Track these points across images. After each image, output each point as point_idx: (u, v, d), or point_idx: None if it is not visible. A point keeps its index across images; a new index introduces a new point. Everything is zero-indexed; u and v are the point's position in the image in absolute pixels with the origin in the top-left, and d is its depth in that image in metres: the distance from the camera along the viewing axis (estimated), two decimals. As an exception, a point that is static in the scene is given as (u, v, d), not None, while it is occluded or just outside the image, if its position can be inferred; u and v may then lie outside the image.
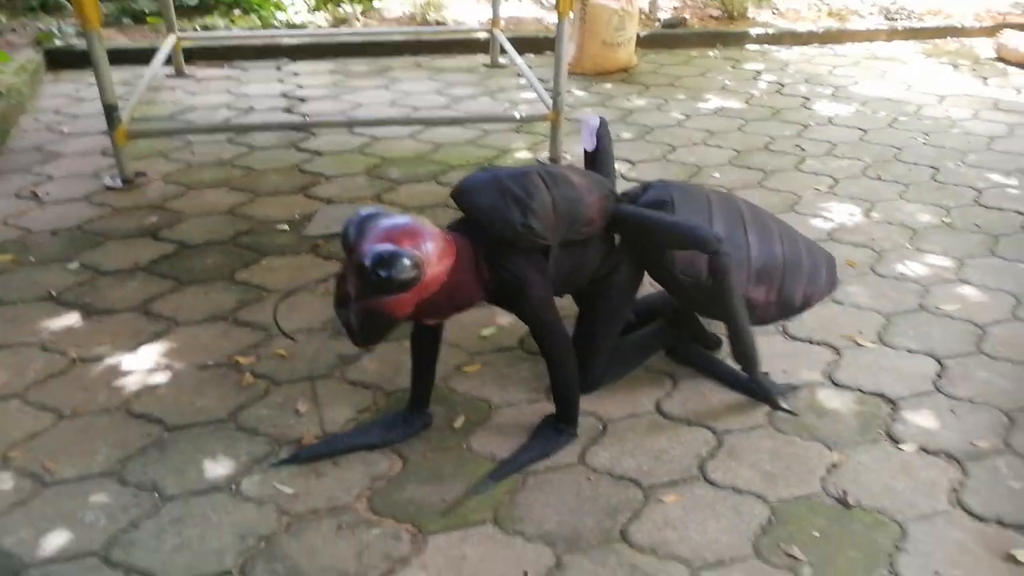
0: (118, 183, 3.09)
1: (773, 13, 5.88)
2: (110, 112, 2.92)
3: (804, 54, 5.30)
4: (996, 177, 3.47)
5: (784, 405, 2.08)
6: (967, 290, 2.63)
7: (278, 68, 4.56)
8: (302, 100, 4.04)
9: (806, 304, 2.14)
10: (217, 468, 1.82)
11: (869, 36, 5.58)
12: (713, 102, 4.30)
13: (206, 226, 2.85)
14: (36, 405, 2.00)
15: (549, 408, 2.01)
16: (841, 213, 3.11)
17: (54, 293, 2.44)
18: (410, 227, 1.68)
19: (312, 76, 4.44)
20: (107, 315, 2.35)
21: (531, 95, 4.20)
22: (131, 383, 2.08)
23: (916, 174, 3.49)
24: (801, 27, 5.55)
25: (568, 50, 4.71)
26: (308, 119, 3.72)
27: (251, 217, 2.92)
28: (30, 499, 1.73)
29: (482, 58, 4.83)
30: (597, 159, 2.16)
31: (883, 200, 3.24)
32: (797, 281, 2.09)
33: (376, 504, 1.75)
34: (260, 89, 4.20)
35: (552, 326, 1.85)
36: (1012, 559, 1.67)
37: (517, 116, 3.39)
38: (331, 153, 3.47)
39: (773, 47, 5.40)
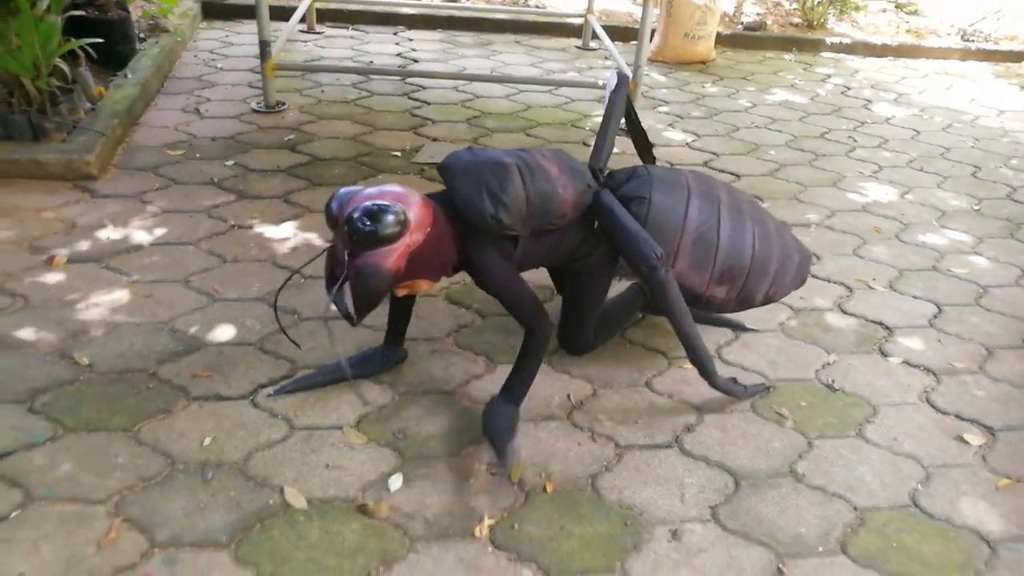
0: (263, 108, 3.71)
1: (852, 25, 6.22)
2: (264, 47, 3.53)
3: (876, 64, 5.64)
4: (1033, 179, 3.80)
5: (748, 395, 2.14)
6: (979, 260, 3.00)
7: (395, 33, 5.17)
8: (415, 61, 4.62)
9: (767, 301, 2.21)
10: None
11: (943, 54, 5.87)
12: (780, 96, 4.70)
13: (333, 147, 3.43)
14: (205, 251, 2.59)
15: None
16: (878, 192, 3.50)
17: (215, 180, 3.05)
18: (390, 189, 1.77)
19: (424, 43, 5.03)
20: (256, 199, 2.95)
21: (615, 75, 4.69)
22: (276, 245, 2.66)
23: (957, 170, 3.84)
24: (876, 40, 5.88)
25: (652, 40, 5.19)
26: (419, 63, 4.29)
27: (370, 144, 3.49)
28: (205, 307, 2.31)
29: (575, 41, 5.34)
30: (604, 120, 2.16)
31: (921, 187, 3.61)
32: (761, 282, 2.15)
33: (460, 341, 2.27)
34: (379, 48, 4.81)
35: (516, 294, 1.88)
36: (961, 439, 2.09)
37: (600, 83, 3.88)
38: (437, 104, 4.03)
39: (847, 56, 5.75)
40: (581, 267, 2.09)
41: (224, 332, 2.21)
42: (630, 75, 2.20)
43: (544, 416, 2.02)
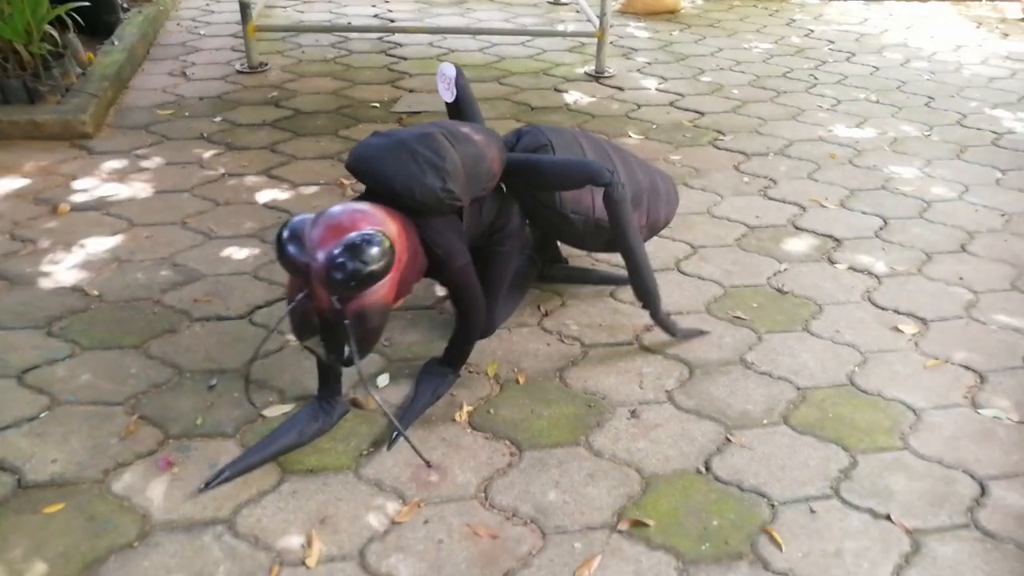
0: (246, 68, 3.87)
1: (820, -27, 6.36)
2: (244, 9, 3.69)
3: (841, 8, 5.81)
4: (983, 107, 3.98)
5: (683, 335, 2.18)
6: (926, 180, 3.20)
7: (371, -3, 5.33)
8: (392, 21, 4.77)
9: (666, 223, 2.29)
10: (328, 239, 2.57)
11: (907, -4, 6.03)
12: (745, 40, 4.87)
13: (315, 101, 3.60)
14: (199, 197, 2.77)
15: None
16: (835, 123, 3.69)
17: (205, 135, 3.23)
18: (354, 210, 1.56)
19: (400, 3, 5.18)
20: (244, 150, 3.12)
21: (586, 26, 4.84)
22: (264, 190, 2.84)
23: (912, 101, 4.02)
24: (842, -15, 6.04)
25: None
26: (392, 22, 4.44)
27: (350, 97, 3.66)
28: (202, 244, 2.50)
29: (547, -3, 5.51)
30: (462, 108, 2.11)
31: (876, 117, 3.79)
32: (658, 204, 2.22)
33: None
34: (357, 11, 4.96)
35: (475, 292, 1.83)
36: (896, 329, 2.30)
37: (566, 30, 4.03)
38: (414, 58, 4.19)
39: (814, 1, 5.91)
40: (494, 243, 2.03)
41: (220, 264, 2.40)
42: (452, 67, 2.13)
43: (517, 323, 2.22)
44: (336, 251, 1.47)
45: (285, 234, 1.52)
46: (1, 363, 1.95)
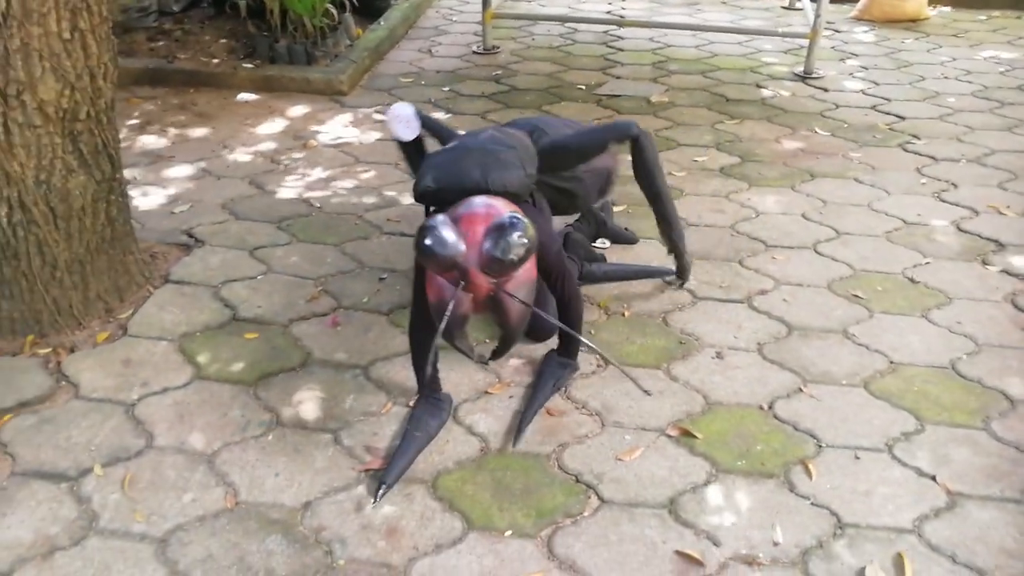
0: (480, 50, 4.46)
1: (1111, -13, 5.71)
2: (485, -1, 4.27)
3: None
4: None
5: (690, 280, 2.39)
6: None
7: (610, -5, 5.73)
8: (622, 16, 5.14)
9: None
10: (504, 188, 3.00)
11: None
12: (988, 52, 4.60)
13: (531, 80, 4.08)
14: (414, 146, 3.35)
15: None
16: (1055, 137, 3.47)
17: (432, 100, 3.83)
18: (484, 203, 1.65)
19: (633, 2, 5.53)
20: (460, 115, 3.67)
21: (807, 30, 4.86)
22: (466, 146, 3.35)
23: None
24: None
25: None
26: (621, 18, 4.82)
27: (561, 80, 4.10)
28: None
29: (781, 1, 5.54)
30: (438, 135, 2.16)
31: (1111, 136, 3.49)
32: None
33: (590, 216, 2.80)
34: (592, 6, 5.38)
35: (569, 274, 1.93)
36: (983, 262, 2.30)
37: (779, 31, 4.14)
38: (630, 50, 4.53)
39: (1092, 16, 5.36)
40: None
41: (370, 203, 2.94)
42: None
43: (640, 271, 2.50)
44: (490, 235, 1.54)
45: (427, 234, 1.53)
46: (242, 241, 2.62)
